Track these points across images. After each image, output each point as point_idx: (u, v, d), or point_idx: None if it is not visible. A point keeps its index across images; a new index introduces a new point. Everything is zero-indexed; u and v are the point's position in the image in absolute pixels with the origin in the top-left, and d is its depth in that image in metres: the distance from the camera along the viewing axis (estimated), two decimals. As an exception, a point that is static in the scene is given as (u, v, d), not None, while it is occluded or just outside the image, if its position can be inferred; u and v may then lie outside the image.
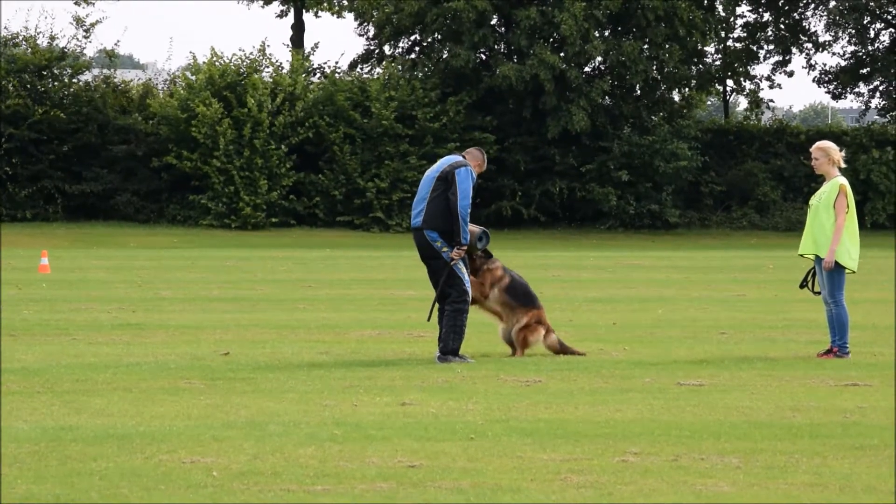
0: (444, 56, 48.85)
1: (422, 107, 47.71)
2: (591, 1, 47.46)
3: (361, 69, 50.74)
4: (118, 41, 70.12)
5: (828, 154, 13.66)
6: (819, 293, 13.67)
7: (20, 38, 47.12)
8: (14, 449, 8.59)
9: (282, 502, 7.32)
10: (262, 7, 55.83)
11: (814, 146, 13.92)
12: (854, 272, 13.64)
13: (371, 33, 50.61)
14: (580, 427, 9.53)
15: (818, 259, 13.53)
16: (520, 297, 13.61)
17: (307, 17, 55.37)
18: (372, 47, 51.02)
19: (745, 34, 53.91)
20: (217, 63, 47.16)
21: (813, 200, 13.79)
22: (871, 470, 8.15)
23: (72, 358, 13.35)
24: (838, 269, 13.39)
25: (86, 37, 47.60)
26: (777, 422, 9.82)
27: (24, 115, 45.36)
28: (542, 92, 47.37)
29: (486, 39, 48.24)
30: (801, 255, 13.76)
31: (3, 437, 8.97)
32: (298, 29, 54.84)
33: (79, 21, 47.55)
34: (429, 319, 13.66)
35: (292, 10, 55.03)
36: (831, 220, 13.42)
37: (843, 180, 13.57)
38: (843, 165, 13.76)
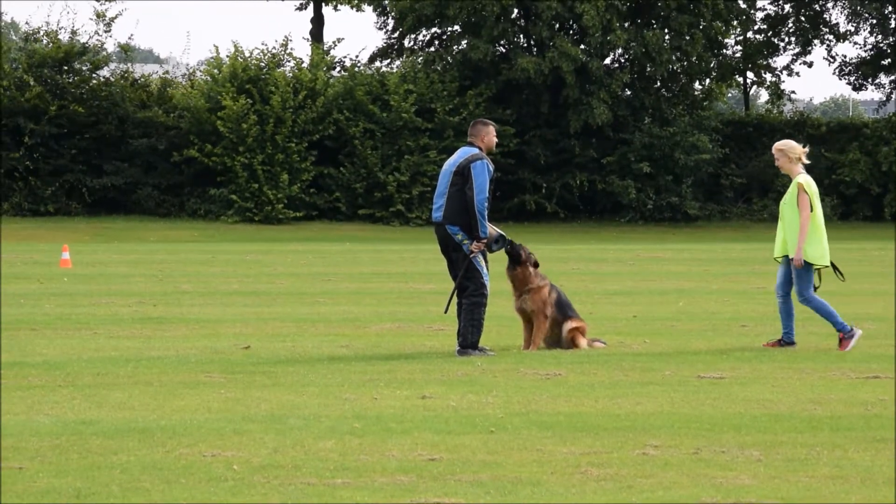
0: (463, 47, 48.80)
1: (441, 100, 47.70)
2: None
3: (381, 63, 50.76)
4: (132, 35, 70.06)
5: (785, 153, 13.90)
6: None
7: (41, 33, 47.25)
8: (36, 443, 8.62)
9: (302, 496, 7.34)
10: (282, 0, 55.92)
11: (773, 147, 14.01)
12: (827, 266, 13.70)
13: (390, 26, 50.58)
14: (600, 420, 9.52)
15: (786, 258, 13.58)
16: (564, 308, 13.72)
17: (326, 10, 55.41)
18: (391, 41, 51.00)
19: (765, 26, 53.74)
20: (239, 57, 47.26)
21: (782, 202, 13.91)
22: (893, 462, 8.13)
23: (93, 352, 13.40)
24: (806, 266, 13.57)
25: (106, 31, 47.75)
26: (798, 414, 9.80)
27: (44, 110, 45.50)
28: (563, 85, 47.27)
29: (506, 32, 48.18)
30: (776, 259, 13.83)
31: (26, 431, 9.01)
32: (318, 23, 54.85)
33: (100, 16, 47.69)
34: (446, 311, 13.68)
35: (312, 3, 55.05)
36: (797, 218, 13.61)
37: (804, 178, 13.78)
38: (806, 161, 13.93)
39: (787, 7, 53.80)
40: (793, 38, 53.85)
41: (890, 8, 52.99)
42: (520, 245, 13.73)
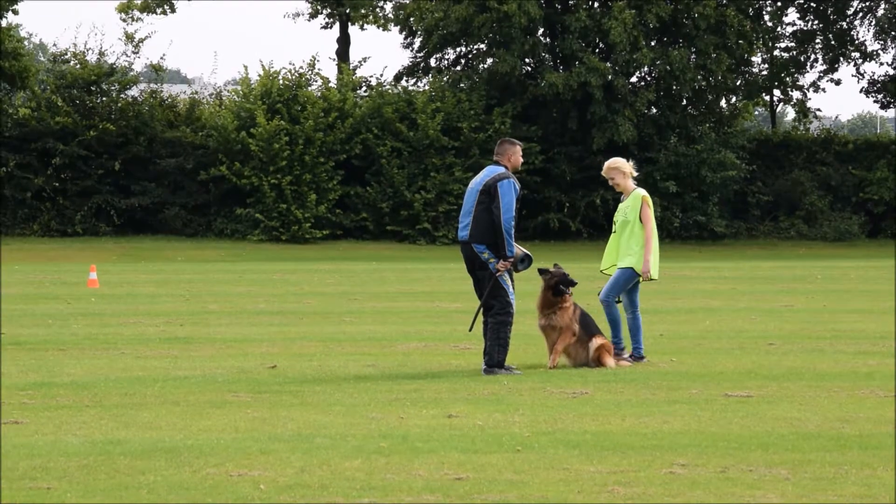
0: (489, 64, 48.81)
1: (467, 118, 47.77)
2: (641, 9, 47.36)
3: (406, 81, 50.85)
4: (164, 55, 70.20)
5: (620, 170, 14.28)
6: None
7: (69, 54, 47.52)
8: (64, 462, 8.65)
9: (328, 515, 7.34)
10: (308, 21, 56.10)
11: (604, 168, 14.41)
12: (654, 279, 14.16)
13: (416, 45, 50.67)
14: (627, 439, 9.50)
15: (629, 271, 13.89)
16: (590, 327, 13.73)
17: (352, 29, 55.56)
18: (417, 59, 51.08)
19: (792, 43, 53.64)
20: (269, 77, 47.45)
21: (618, 217, 14.24)
22: (922, 481, 8.08)
23: (120, 372, 13.43)
24: (633, 277, 14.00)
25: (135, 52, 48.02)
26: (826, 433, 9.75)
27: (73, 131, 45.73)
28: (590, 101, 47.24)
29: (535, 47, 48.22)
30: (603, 272, 14.19)
31: (54, 451, 9.04)
32: (344, 42, 55.01)
33: (129, 37, 47.96)
34: (471, 330, 13.68)
35: (338, 23, 55.21)
36: (642, 231, 13.95)
37: (643, 191, 14.17)
38: (635, 174, 14.23)
39: (815, 24, 53.68)
40: (820, 56, 53.73)
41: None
42: (554, 269, 13.82)
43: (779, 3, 52.59)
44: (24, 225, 45.45)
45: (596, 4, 49.59)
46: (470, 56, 50.40)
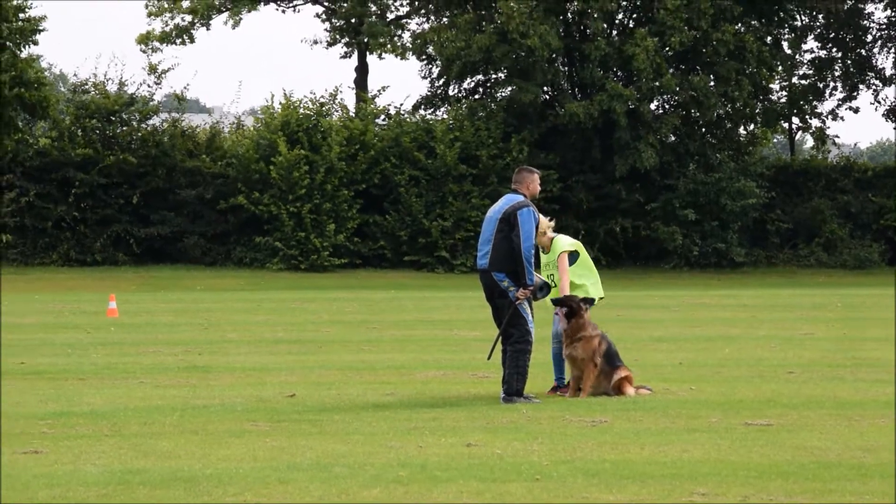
0: (508, 94, 48.87)
1: (485, 146, 47.84)
2: (662, 35, 47.42)
3: (424, 111, 50.95)
4: (187, 85, 70.70)
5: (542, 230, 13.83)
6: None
7: (89, 84, 47.75)
8: (83, 492, 8.65)
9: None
10: (326, 49, 56.30)
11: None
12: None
13: (435, 74, 50.75)
14: (646, 468, 9.46)
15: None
16: (613, 359, 13.70)
17: (370, 58, 55.75)
18: (436, 89, 51.17)
19: (811, 71, 53.63)
20: (290, 106, 47.62)
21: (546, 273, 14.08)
22: (943, 511, 8.03)
23: (139, 401, 13.45)
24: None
25: (157, 83, 48.27)
26: (846, 462, 9.70)
27: (93, 161, 45.91)
28: (613, 128, 47.21)
29: (556, 77, 48.30)
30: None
31: (73, 481, 9.05)
32: (362, 71, 55.18)
33: (152, 68, 48.23)
34: (489, 358, 13.67)
35: (356, 52, 55.41)
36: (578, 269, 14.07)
37: (562, 244, 14.03)
38: (551, 224, 14.11)
39: (834, 52, 53.67)
40: (839, 83, 53.70)
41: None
42: (570, 297, 13.76)
43: (797, 32, 52.62)
44: (43, 254, 45.60)
45: (614, 33, 49.68)
46: (488, 84, 50.49)
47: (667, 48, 47.87)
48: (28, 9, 44.45)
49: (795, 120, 54.94)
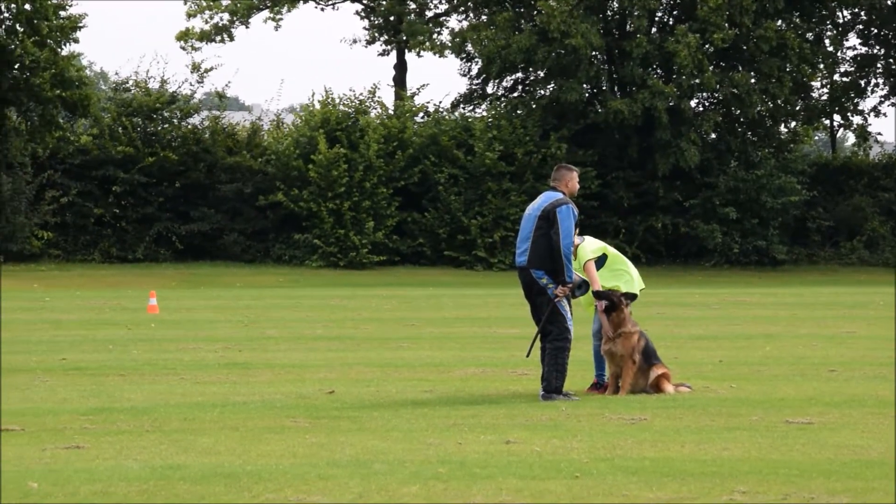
0: (549, 92, 48.75)
1: (523, 144, 47.78)
2: (704, 32, 47.22)
3: (464, 109, 50.93)
4: (229, 82, 71.03)
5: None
6: None
7: (130, 82, 48.00)
8: (124, 488, 8.70)
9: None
10: (365, 47, 56.36)
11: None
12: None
13: (474, 72, 50.71)
14: (686, 465, 9.43)
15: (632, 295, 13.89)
16: (650, 356, 13.67)
17: (409, 56, 55.76)
18: (474, 86, 51.13)
19: (853, 68, 53.29)
20: (329, 104, 47.72)
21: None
22: None
23: (179, 397, 13.50)
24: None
25: (199, 81, 48.55)
26: (888, 461, 9.64)
27: (134, 159, 46.14)
28: (656, 125, 47.02)
29: (598, 74, 48.19)
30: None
31: (114, 477, 9.09)
32: (401, 69, 55.22)
33: (195, 66, 48.49)
34: (528, 356, 13.65)
35: (395, 50, 55.45)
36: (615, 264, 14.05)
37: (585, 248, 13.87)
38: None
39: (876, 49, 53.30)
40: (881, 80, 53.33)
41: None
42: (610, 291, 13.72)
43: (839, 28, 52.29)
44: (84, 251, 45.87)
45: (654, 29, 49.51)
46: (527, 82, 50.41)
47: (707, 45, 47.68)
48: (68, 6, 44.69)
49: (837, 117, 54.61)
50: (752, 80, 48.37)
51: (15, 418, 11.80)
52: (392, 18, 54.52)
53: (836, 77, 53.17)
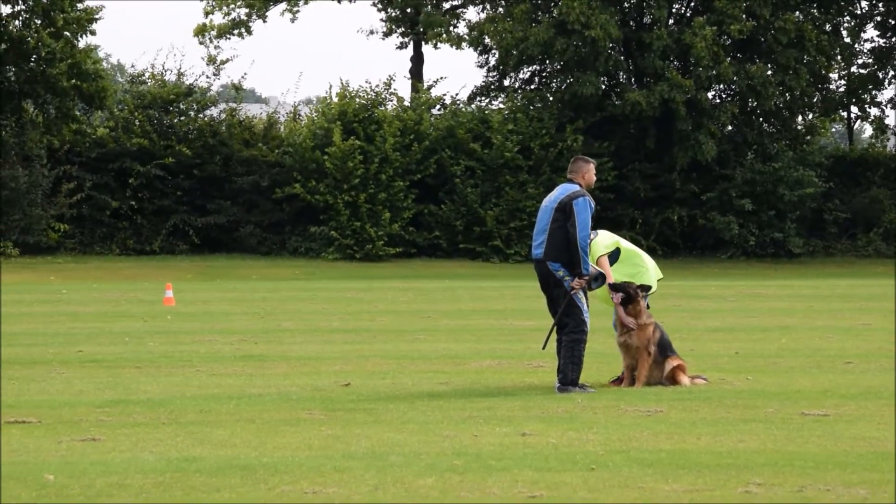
0: (567, 85, 48.65)
1: (540, 137, 47.73)
2: (721, 24, 47.11)
3: (480, 101, 50.87)
4: (245, 74, 71.02)
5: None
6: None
7: (147, 75, 48.05)
8: (140, 480, 8.72)
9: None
10: (382, 39, 56.36)
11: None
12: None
13: (491, 64, 50.65)
14: (702, 457, 9.42)
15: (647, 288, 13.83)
16: (665, 348, 13.67)
17: (426, 48, 55.73)
18: (491, 79, 51.08)
19: (870, 60, 53.11)
20: (346, 96, 47.72)
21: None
22: None
23: (195, 389, 13.53)
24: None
25: (215, 74, 48.61)
26: (905, 453, 9.61)
27: (150, 152, 46.21)
28: (674, 117, 46.91)
29: (616, 67, 48.11)
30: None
31: (130, 469, 9.12)
32: (418, 61, 55.20)
33: (211, 59, 48.54)
34: (544, 348, 13.65)
35: (412, 42, 55.42)
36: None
37: (597, 243, 13.77)
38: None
39: (894, 40, 53.10)
40: (899, 72, 53.16)
41: None
42: (626, 283, 13.70)
43: (857, 20, 52.11)
44: (101, 244, 45.96)
45: (671, 21, 49.40)
46: (544, 74, 50.33)
47: (725, 36, 47.57)
48: (84, -1, 44.80)
49: (854, 109, 54.45)
50: (770, 72, 48.24)
51: (31, 410, 11.84)
52: (409, 10, 54.49)
53: (854, 69, 53.00)
